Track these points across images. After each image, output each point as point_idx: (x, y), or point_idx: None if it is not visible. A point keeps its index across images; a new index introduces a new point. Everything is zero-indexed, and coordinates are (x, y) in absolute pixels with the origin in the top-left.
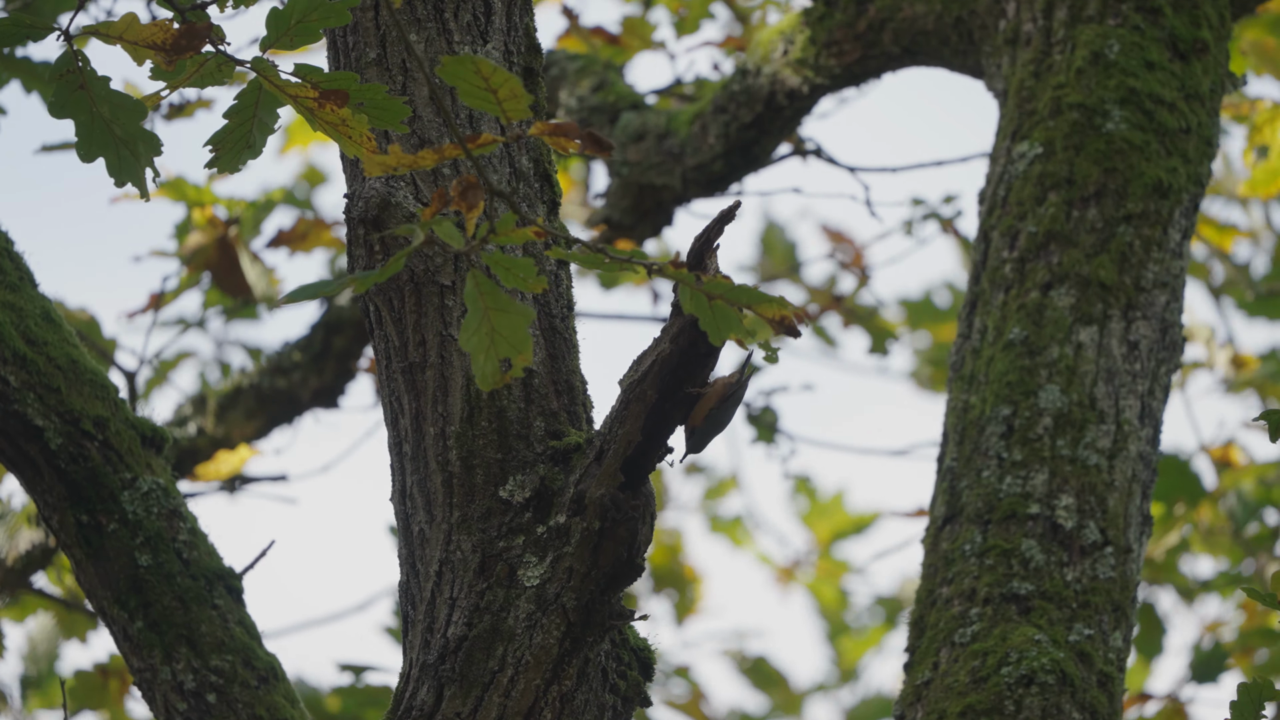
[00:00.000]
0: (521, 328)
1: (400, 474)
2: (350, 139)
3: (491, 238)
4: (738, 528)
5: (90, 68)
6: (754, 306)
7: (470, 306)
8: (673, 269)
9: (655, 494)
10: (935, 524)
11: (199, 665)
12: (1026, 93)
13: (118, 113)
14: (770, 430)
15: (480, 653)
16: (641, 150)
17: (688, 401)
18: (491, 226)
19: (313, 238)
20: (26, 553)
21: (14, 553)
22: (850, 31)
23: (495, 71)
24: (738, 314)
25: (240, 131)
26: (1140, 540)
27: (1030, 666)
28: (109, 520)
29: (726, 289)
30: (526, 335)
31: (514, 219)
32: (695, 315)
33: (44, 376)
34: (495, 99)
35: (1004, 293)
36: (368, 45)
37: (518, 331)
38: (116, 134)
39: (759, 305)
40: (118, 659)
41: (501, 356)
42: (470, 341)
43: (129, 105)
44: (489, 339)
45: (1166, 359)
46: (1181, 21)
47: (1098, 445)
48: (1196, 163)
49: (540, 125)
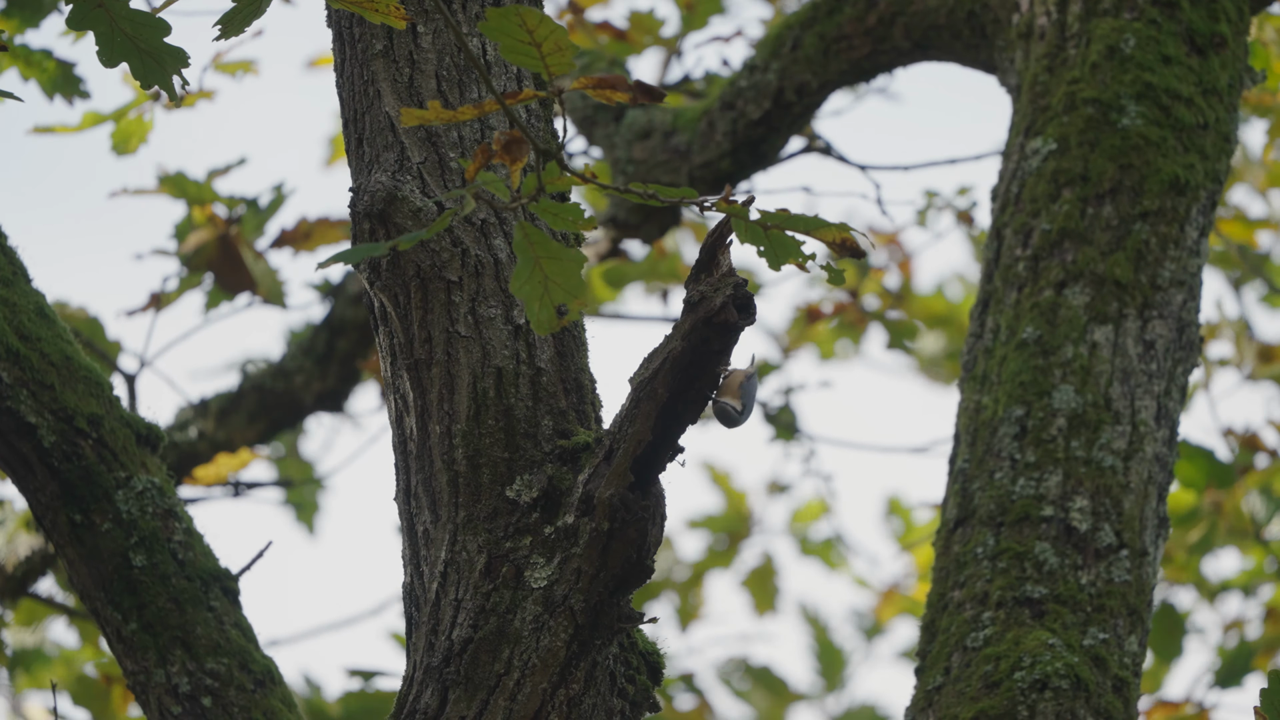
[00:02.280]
0: (575, 272)
1: (405, 473)
2: (379, 11)
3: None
4: (830, 550)
5: None
6: (813, 233)
7: (520, 256)
8: (725, 204)
9: (664, 494)
10: (947, 526)
11: (194, 668)
12: (1040, 88)
13: (139, 30)
14: (789, 429)
15: (486, 655)
16: (647, 148)
17: (700, 400)
18: (539, 180)
19: (317, 236)
20: (26, 559)
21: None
22: (860, 26)
23: (542, 22)
24: (795, 241)
25: (247, 12)
26: (1156, 543)
27: (1044, 671)
28: (103, 520)
29: (783, 218)
30: (580, 279)
31: (558, 169)
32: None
33: (37, 373)
34: (539, 53)
35: (1017, 291)
36: (374, 37)
37: (571, 276)
38: (140, 47)
39: (818, 231)
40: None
41: (557, 303)
42: (523, 290)
43: (151, 22)
44: (542, 286)
45: (1183, 359)
46: (1199, 15)
47: (1113, 446)
48: (1214, 159)
49: (584, 79)
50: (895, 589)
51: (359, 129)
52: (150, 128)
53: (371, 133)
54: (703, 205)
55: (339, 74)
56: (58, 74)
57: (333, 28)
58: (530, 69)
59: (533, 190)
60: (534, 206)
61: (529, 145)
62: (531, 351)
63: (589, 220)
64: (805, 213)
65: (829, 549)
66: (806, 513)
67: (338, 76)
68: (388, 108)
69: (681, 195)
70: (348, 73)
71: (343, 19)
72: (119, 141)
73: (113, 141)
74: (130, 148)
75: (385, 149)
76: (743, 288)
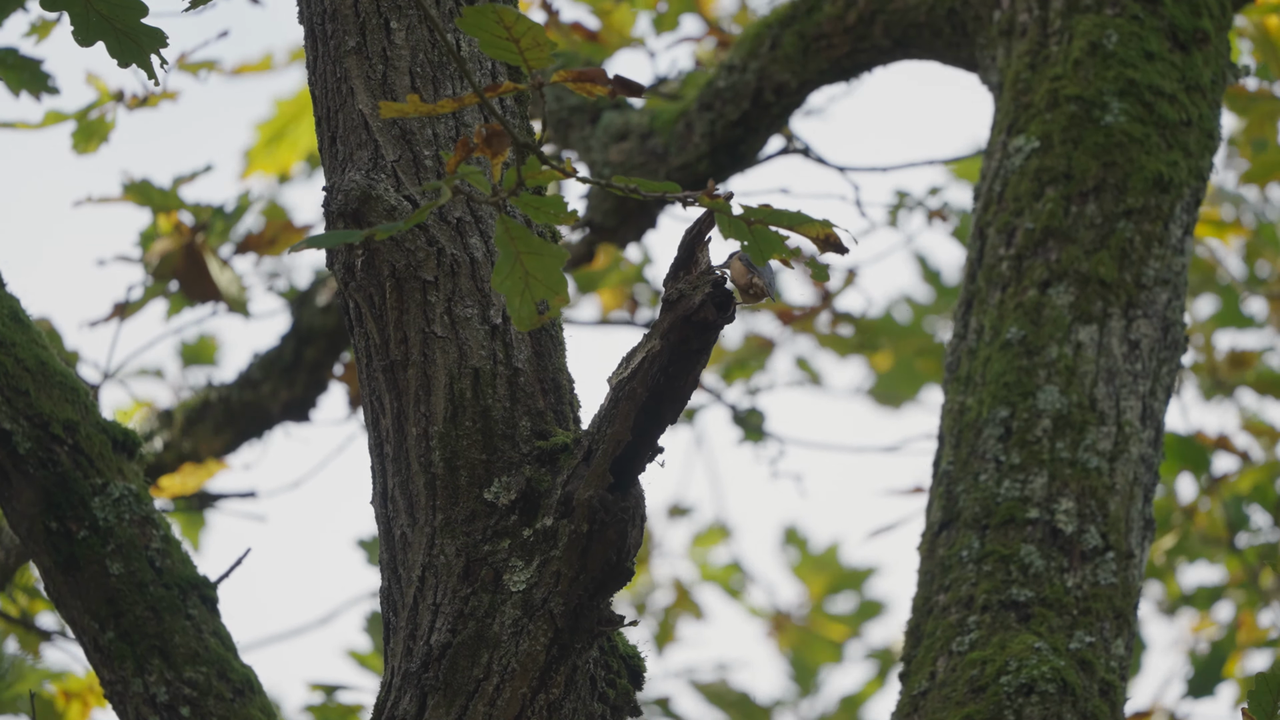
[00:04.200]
0: (555, 268)
1: (381, 476)
2: None
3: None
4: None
5: None
6: (796, 228)
7: (501, 250)
8: (708, 198)
9: (644, 495)
10: (932, 529)
11: (172, 677)
12: (1022, 85)
13: (115, 10)
14: (758, 431)
15: (465, 660)
16: (624, 151)
17: (680, 399)
18: (519, 174)
19: (283, 241)
20: None
21: None
22: (840, 24)
23: (518, 20)
24: (779, 237)
25: None
26: (1142, 545)
27: (1030, 675)
28: (79, 527)
29: (767, 214)
30: (561, 276)
31: (538, 163)
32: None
33: (12, 378)
34: (517, 48)
35: (1001, 291)
36: (347, 34)
37: (552, 272)
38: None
39: (801, 227)
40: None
41: (537, 299)
42: (504, 285)
43: (127, 3)
44: (523, 282)
45: (1168, 358)
46: (1181, 11)
47: (1098, 447)
48: (1198, 156)
49: (564, 72)
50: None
51: (332, 127)
52: (112, 127)
53: (345, 131)
54: (685, 200)
55: (311, 71)
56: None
57: (304, 25)
58: (509, 63)
59: (513, 184)
60: (515, 200)
61: (509, 139)
62: (509, 351)
63: (571, 213)
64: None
65: (729, 574)
66: (707, 538)
67: (310, 74)
68: (361, 105)
69: (664, 189)
70: (320, 70)
71: (314, 16)
72: (80, 140)
73: (74, 140)
74: (91, 147)
75: (359, 147)
76: (722, 285)
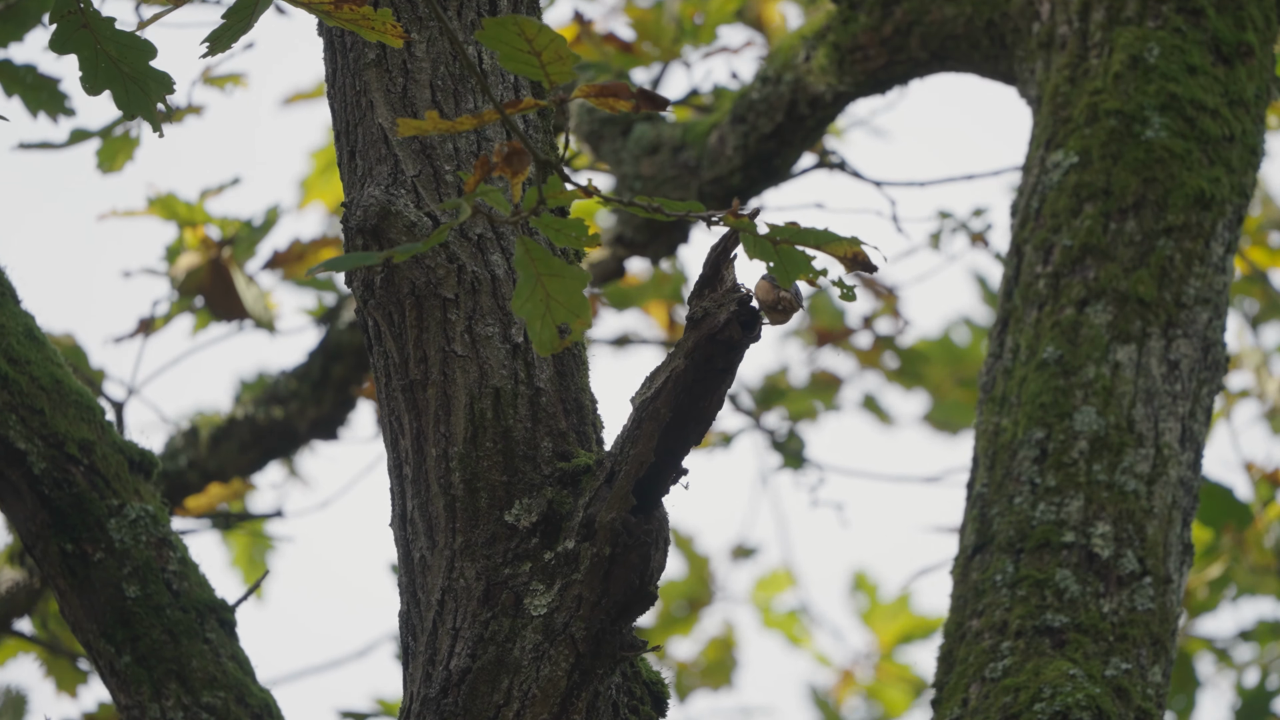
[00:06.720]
0: (577, 291)
1: (400, 498)
2: (375, 29)
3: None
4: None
5: (93, 9)
6: (823, 247)
7: (521, 273)
8: (733, 217)
9: (668, 518)
10: (965, 553)
11: (189, 702)
12: (1061, 99)
13: (124, 52)
14: (797, 458)
15: (485, 686)
16: (656, 164)
17: (704, 420)
18: (540, 194)
19: (310, 258)
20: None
21: None
22: (876, 36)
23: (540, 31)
24: (806, 256)
25: (236, 28)
26: (1181, 570)
27: (1065, 702)
28: (95, 549)
29: (792, 233)
30: (583, 298)
31: (560, 182)
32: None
33: (27, 397)
34: (539, 61)
35: (1038, 309)
36: (367, 47)
37: (574, 295)
38: (124, 71)
39: (828, 245)
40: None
41: (559, 322)
42: (524, 309)
43: (136, 44)
44: (544, 305)
45: (1209, 379)
46: (1225, 24)
47: (1136, 470)
48: (1241, 172)
49: (586, 87)
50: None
51: (351, 142)
52: (138, 144)
53: (364, 145)
54: (709, 219)
55: (330, 85)
56: (41, 91)
57: (324, 37)
58: (530, 77)
59: (534, 204)
60: (535, 221)
61: (530, 157)
62: (530, 371)
63: (594, 237)
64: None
65: (792, 621)
66: (771, 582)
67: (329, 87)
68: (381, 119)
69: (688, 209)
70: (339, 83)
71: (334, 28)
72: (105, 159)
73: (99, 159)
74: (116, 165)
75: (378, 162)
76: (747, 303)
